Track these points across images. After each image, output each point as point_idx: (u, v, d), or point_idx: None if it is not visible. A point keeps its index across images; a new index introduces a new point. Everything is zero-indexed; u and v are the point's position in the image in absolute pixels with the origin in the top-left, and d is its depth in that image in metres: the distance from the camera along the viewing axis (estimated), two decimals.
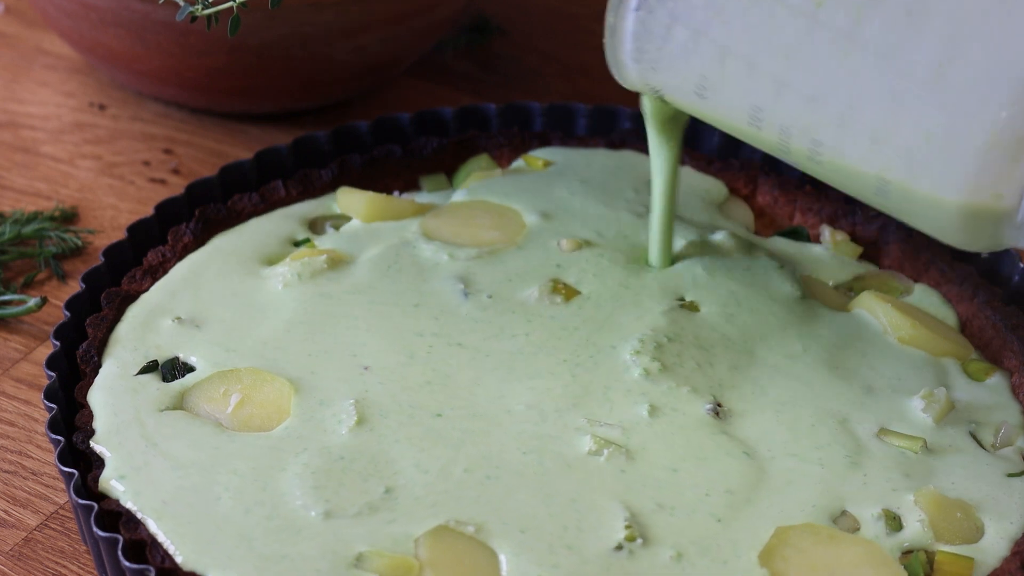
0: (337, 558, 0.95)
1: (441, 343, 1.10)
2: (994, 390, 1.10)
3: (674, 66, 1.02)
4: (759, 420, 1.05)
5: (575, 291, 1.14)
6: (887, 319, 1.14)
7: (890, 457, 1.03)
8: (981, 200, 0.92)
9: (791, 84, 0.97)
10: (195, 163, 1.41)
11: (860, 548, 0.97)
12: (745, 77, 0.98)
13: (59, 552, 1.06)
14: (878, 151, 0.95)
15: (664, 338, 1.10)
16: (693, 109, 1.04)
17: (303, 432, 1.03)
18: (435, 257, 1.17)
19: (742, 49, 0.98)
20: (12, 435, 1.14)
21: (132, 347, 1.09)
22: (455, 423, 1.04)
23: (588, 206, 1.22)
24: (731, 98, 1.00)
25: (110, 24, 1.33)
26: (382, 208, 1.22)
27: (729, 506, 0.99)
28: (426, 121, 1.33)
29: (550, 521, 0.97)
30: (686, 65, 1.01)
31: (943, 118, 0.91)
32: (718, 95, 1.01)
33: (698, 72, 1.00)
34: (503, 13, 1.63)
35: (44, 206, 1.35)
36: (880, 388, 1.09)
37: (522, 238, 1.19)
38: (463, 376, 1.07)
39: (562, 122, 1.35)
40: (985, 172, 0.91)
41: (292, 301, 1.13)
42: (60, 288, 1.27)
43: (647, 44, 1.02)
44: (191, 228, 1.19)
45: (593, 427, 1.03)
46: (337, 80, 1.42)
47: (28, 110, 1.47)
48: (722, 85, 1.00)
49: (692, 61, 1.01)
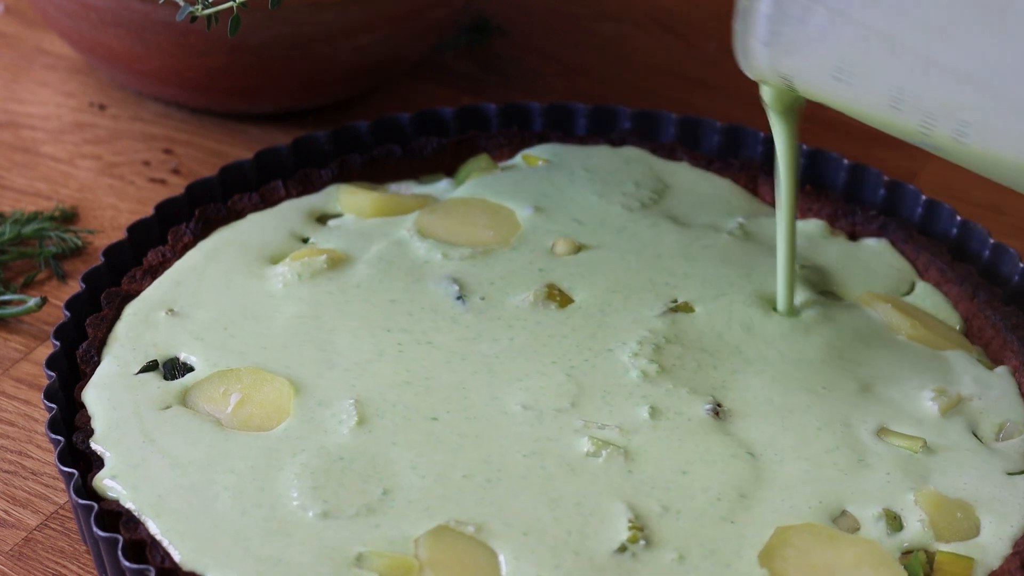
0: (336, 558, 0.95)
1: (439, 346, 1.10)
2: (998, 387, 1.10)
3: (811, 49, 0.99)
4: (759, 420, 1.05)
5: (568, 298, 1.14)
6: (887, 319, 1.14)
7: (890, 457, 1.03)
8: None
9: (939, 62, 0.93)
10: (195, 163, 1.41)
11: (860, 548, 0.97)
12: (889, 57, 0.95)
13: (59, 552, 1.06)
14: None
15: (662, 339, 1.10)
16: (825, 95, 1.01)
17: (302, 432, 1.03)
18: (429, 256, 1.17)
19: (886, 27, 0.95)
20: (12, 435, 1.14)
21: (131, 346, 1.09)
22: (453, 427, 1.04)
23: (584, 199, 1.22)
24: (871, 81, 0.97)
25: (110, 24, 1.33)
26: (383, 206, 1.22)
27: (730, 506, 0.99)
28: (426, 121, 1.33)
29: (554, 524, 0.97)
30: (823, 47, 0.98)
31: None
32: (857, 78, 0.97)
33: (836, 54, 0.97)
34: (503, 13, 1.63)
35: (44, 206, 1.35)
36: (881, 386, 1.09)
37: (516, 239, 1.19)
38: (463, 380, 1.07)
39: (562, 122, 1.35)
40: None
41: (292, 301, 1.13)
42: (60, 288, 1.27)
43: (782, 27, 0.98)
44: (191, 228, 1.19)
45: (590, 428, 1.03)
46: (337, 80, 1.42)
47: (28, 110, 1.47)
48: (862, 67, 0.97)
49: (831, 43, 0.97)
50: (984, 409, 1.08)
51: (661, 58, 1.58)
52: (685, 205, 1.24)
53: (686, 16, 1.64)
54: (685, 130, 1.33)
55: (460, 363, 1.08)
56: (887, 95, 0.96)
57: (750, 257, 1.19)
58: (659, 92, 1.53)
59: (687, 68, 1.57)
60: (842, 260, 1.19)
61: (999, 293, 1.17)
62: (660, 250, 1.19)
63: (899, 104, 0.96)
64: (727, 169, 1.29)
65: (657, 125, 1.34)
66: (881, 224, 1.23)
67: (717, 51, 1.59)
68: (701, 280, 1.16)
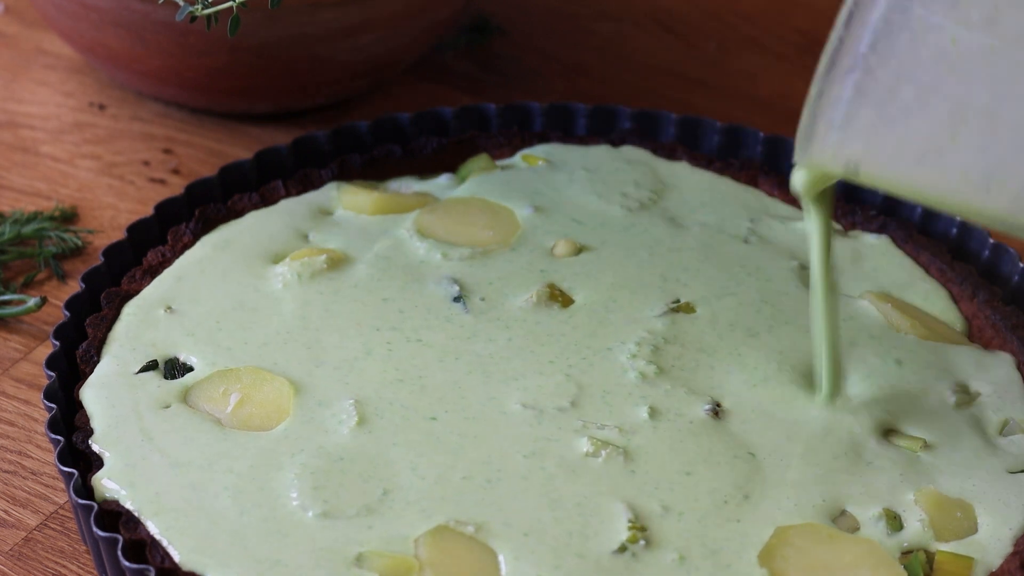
0: (336, 558, 0.95)
1: (431, 344, 1.10)
2: (1001, 384, 1.10)
3: (894, 131, 0.92)
4: (757, 419, 1.05)
5: (569, 298, 1.14)
6: (888, 317, 1.14)
7: (890, 456, 1.03)
8: None
9: None
10: (195, 163, 1.41)
11: (860, 548, 0.97)
12: (985, 134, 0.90)
13: (59, 552, 1.06)
14: None
15: (661, 340, 1.10)
16: (899, 180, 0.94)
17: (302, 432, 1.03)
18: (428, 256, 1.17)
19: (982, 104, 0.89)
20: (12, 435, 1.14)
21: (130, 346, 1.09)
22: (452, 426, 1.04)
23: (584, 199, 1.22)
24: (962, 161, 0.91)
25: (110, 24, 1.33)
26: (384, 205, 1.22)
27: (730, 506, 0.99)
28: (426, 121, 1.33)
29: (554, 525, 0.97)
30: (908, 128, 0.92)
31: None
32: (946, 158, 0.91)
33: (924, 134, 0.91)
34: (503, 13, 1.63)
35: (44, 206, 1.35)
36: (882, 385, 1.08)
37: (515, 239, 1.19)
38: (459, 379, 1.07)
39: (562, 122, 1.35)
40: None
41: (290, 301, 1.13)
42: (60, 288, 1.27)
43: (862, 109, 0.92)
44: (191, 228, 1.19)
45: (589, 429, 1.03)
46: (337, 80, 1.42)
47: (28, 110, 1.47)
48: (953, 146, 0.91)
49: (917, 123, 0.91)
50: (988, 406, 1.08)
51: (661, 58, 1.58)
52: (685, 205, 1.24)
53: (686, 16, 1.64)
54: (685, 130, 1.33)
55: (454, 362, 1.08)
56: (980, 174, 0.91)
57: (753, 257, 1.19)
58: (659, 92, 1.53)
59: (687, 68, 1.57)
60: (843, 259, 1.19)
61: (999, 293, 1.17)
62: (661, 250, 1.19)
63: (991, 184, 0.91)
64: (727, 169, 1.29)
65: (657, 125, 1.34)
66: (881, 224, 1.23)
67: (717, 51, 1.59)
68: (704, 280, 1.16)
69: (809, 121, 0.94)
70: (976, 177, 0.91)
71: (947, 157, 0.92)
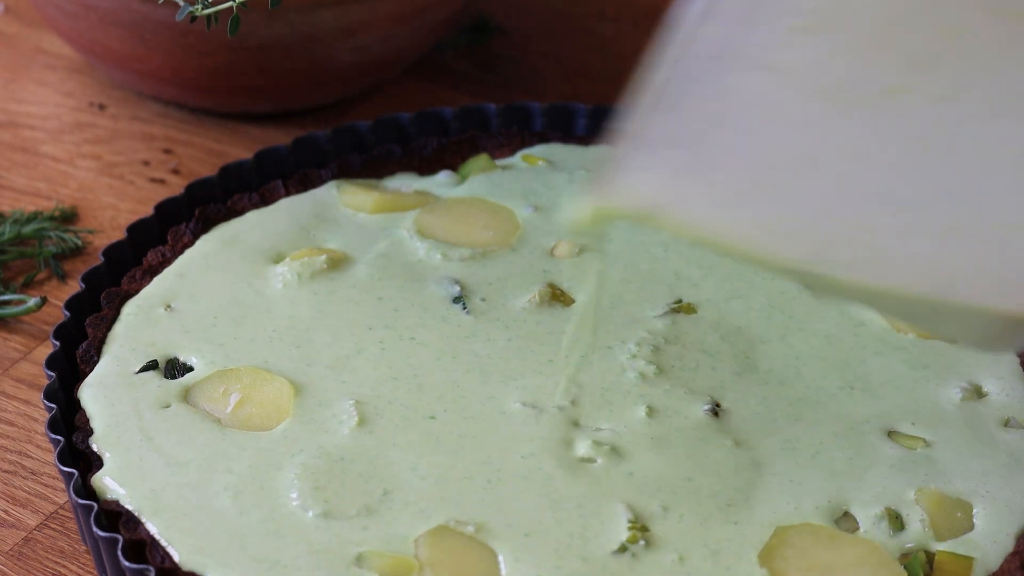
0: (336, 558, 0.95)
1: (425, 343, 1.10)
2: (1004, 382, 1.10)
3: (703, 176, 0.88)
4: (757, 419, 1.05)
5: (570, 298, 1.14)
6: (886, 319, 1.14)
7: (891, 456, 1.03)
8: None
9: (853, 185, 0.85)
10: (195, 163, 1.41)
11: (860, 548, 0.97)
12: (793, 180, 0.86)
13: (59, 552, 1.06)
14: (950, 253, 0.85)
15: (661, 340, 1.10)
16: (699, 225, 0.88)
17: (302, 432, 1.03)
18: (428, 257, 1.17)
19: (794, 149, 0.86)
20: (12, 435, 1.14)
21: (130, 346, 1.09)
22: (451, 426, 1.04)
23: None
24: (766, 206, 0.87)
25: (110, 24, 1.33)
26: (384, 204, 1.22)
27: (730, 507, 0.99)
28: (426, 121, 1.33)
29: (555, 526, 0.97)
30: (714, 172, 0.88)
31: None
32: (748, 204, 0.87)
33: (728, 178, 0.87)
34: (503, 13, 1.63)
35: (44, 206, 1.35)
36: (882, 385, 1.08)
37: (516, 239, 1.19)
38: (456, 378, 1.07)
39: (562, 122, 1.35)
40: None
41: (290, 301, 1.13)
42: (60, 288, 1.27)
43: (673, 152, 0.87)
44: (191, 228, 1.19)
45: (588, 429, 1.03)
46: (337, 80, 1.42)
47: (28, 110, 1.47)
48: (758, 191, 0.87)
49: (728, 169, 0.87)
50: (989, 405, 1.08)
51: None
52: None
53: None
54: None
55: (451, 361, 1.08)
56: (780, 223, 0.87)
57: None
58: None
59: None
60: None
61: None
62: (661, 250, 1.19)
63: (792, 233, 0.86)
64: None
65: None
66: None
67: None
68: (705, 281, 1.16)
69: (614, 160, 0.88)
70: (777, 225, 0.87)
71: (749, 203, 0.87)
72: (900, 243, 0.85)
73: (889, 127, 0.85)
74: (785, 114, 0.86)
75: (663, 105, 0.87)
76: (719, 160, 0.88)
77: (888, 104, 0.85)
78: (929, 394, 1.08)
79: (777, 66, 0.86)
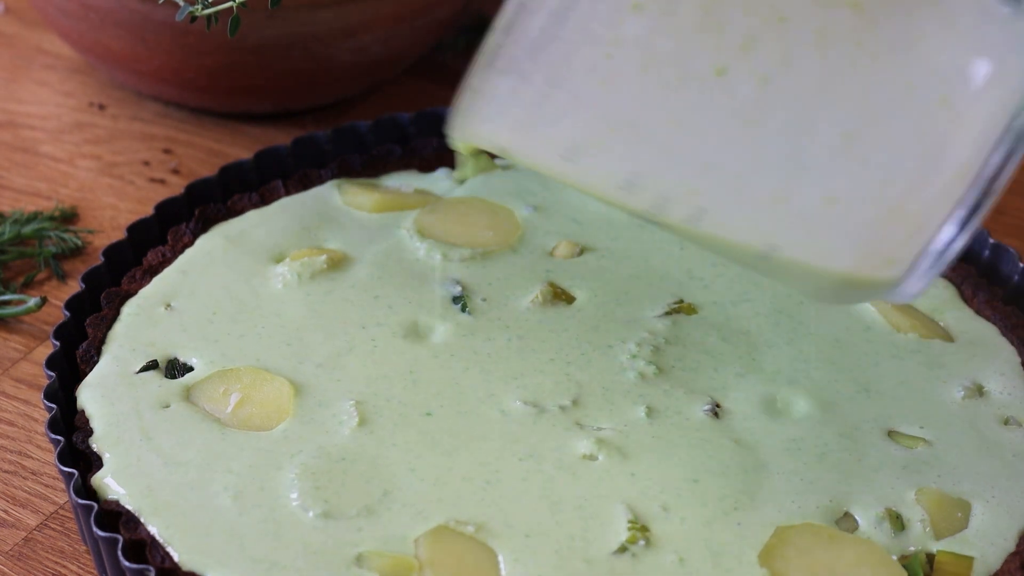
0: (336, 558, 0.95)
1: (437, 348, 1.10)
2: (1004, 381, 1.10)
3: (543, 131, 0.95)
4: (757, 420, 1.05)
5: (571, 296, 1.14)
6: (889, 318, 1.14)
7: (891, 456, 1.03)
8: (870, 268, 0.91)
9: (682, 152, 0.92)
10: (195, 163, 1.41)
11: (860, 548, 0.97)
12: (630, 144, 0.93)
13: (59, 552, 1.06)
14: (772, 217, 0.92)
15: (662, 340, 1.10)
16: (548, 169, 0.97)
17: (302, 432, 1.03)
18: (428, 257, 1.17)
19: (629, 116, 0.93)
20: (12, 435, 1.14)
21: (130, 346, 1.09)
22: (449, 425, 1.04)
23: (584, 199, 1.22)
24: (606, 163, 0.95)
25: (110, 24, 1.33)
26: (384, 204, 1.22)
27: (730, 507, 0.99)
28: (426, 121, 1.33)
29: (556, 527, 0.97)
30: (557, 130, 0.95)
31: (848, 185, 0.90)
32: (590, 160, 0.95)
33: (570, 137, 0.94)
34: None
35: (44, 206, 1.35)
36: (882, 385, 1.08)
37: (516, 240, 1.19)
38: (455, 376, 1.07)
39: None
40: (881, 242, 0.91)
41: (290, 300, 1.13)
42: (60, 288, 1.27)
43: (514, 108, 0.94)
44: (191, 228, 1.19)
45: (588, 430, 1.03)
46: (337, 80, 1.42)
47: (28, 110, 1.47)
48: (598, 151, 0.94)
49: (566, 126, 0.94)
50: (989, 405, 1.08)
51: None
52: None
53: None
54: None
55: (448, 359, 1.08)
56: (621, 178, 0.94)
57: None
58: None
59: None
60: None
61: (999, 293, 1.17)
62: (677, 248, 1.19)
63: (631, 188, 0.94)
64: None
65: None
66: None
67: None
68: (716, 282, 1.16)
69: (464, 106, 0.96)
70: (617, 180, 0.94)
71: (590, 160, 0.94)
72: (727, 206, 0.93)
73: (714, 103, 0.91)
74: (620, 83, 0.92)
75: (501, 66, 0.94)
76: (556, 119, 0.94)
77: (714, 81, 0.90)
78: (930, 394, 1.08)
79: (616, 40, 0.91)
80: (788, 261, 0.93)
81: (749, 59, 0.90)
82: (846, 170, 0.90)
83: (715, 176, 0.92)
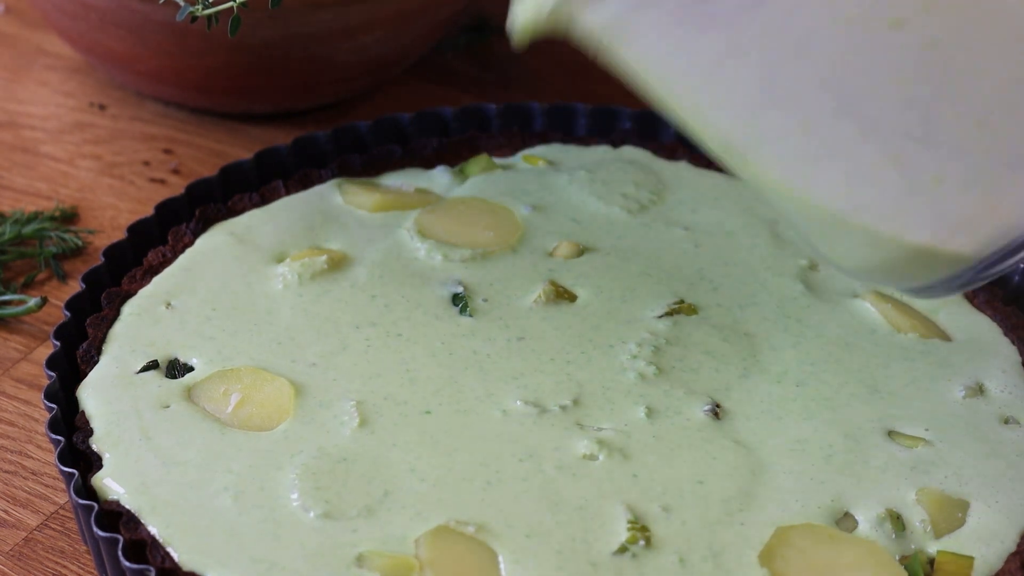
0: (337, 558, 0.95)
1: (428, 344, 1.10)
2: (1005, 381, 1.10)
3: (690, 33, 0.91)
4: (759, 420, 1.05)
5: (573, 296, 1.14)
6: (889, 318, 1.14)
7: (892, 456, 1.03)
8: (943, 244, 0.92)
9: (820, 90, 0.90)
10: (195, 163, 1.41)
11: (860, 548, 0.97)
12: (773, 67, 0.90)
13: (59, 552, 1.06)
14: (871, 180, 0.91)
15: (663, 341, 1.10)
16: (664, 74, 0.93)
17: (303, 433, 1.03)
18: (429, 258, 1.17)
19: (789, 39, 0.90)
20: (12, 435, 1.14)
21: (130, 346, 1.09)
22: (449, 425, 1.04)
23: (584, 199, 1.22)
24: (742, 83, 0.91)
25: (110, 24, 1.33)
26: (385, 204, 1.22)
27: (730, 507, 0.99)
28: (426, 121, 1.33)
29: (556, 528, 0.97)
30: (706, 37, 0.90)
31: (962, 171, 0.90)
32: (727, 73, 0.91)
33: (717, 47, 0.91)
34: (503, 13, 1.62)
35: (44, 206, 1.35)
36: (883, 385, 1.08)
37: (516, 240, 1.19)
38: (454, 376, 1.07)
39: (562, 122, 1.35)
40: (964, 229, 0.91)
41: (288, 300, 1.13)
42: (60, 288, 1.27)
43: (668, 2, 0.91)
44: (191, 228, 1.19)
45: (588, 430, 1.03)
46: (337, 80, 1.42)
47: (28, 110, 1.47)
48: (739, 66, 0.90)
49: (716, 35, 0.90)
50: (989, 405, 1.08)
51: None
52: (686, 206, 1.24)
53: None
54: None
55: (447, 357, 1.08)
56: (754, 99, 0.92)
57: (758, 257, 1.19)
58: None
59: None
60: None
61: (999, 293, 1.17)
62: (662, 251, 1.19)
63: (753, 114, 0.92)
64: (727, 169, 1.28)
65: (657, 125, 1.34)
66: None
67: None
68: (724, 283, 1.16)
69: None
70: (747, 100, 0.91)
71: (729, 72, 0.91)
72: (831, 156, 0.91)
73: (875, 50, 0.89)
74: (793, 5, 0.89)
75: None
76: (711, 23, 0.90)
77: (885, 30, 0.89)
78: (931, 393, 1.08)
79: None
80: (862, 226, 0.92)
81: (927, 19, 0.89)
82: (966, 157, 0.89)
83: (838, 123, 0.90)
